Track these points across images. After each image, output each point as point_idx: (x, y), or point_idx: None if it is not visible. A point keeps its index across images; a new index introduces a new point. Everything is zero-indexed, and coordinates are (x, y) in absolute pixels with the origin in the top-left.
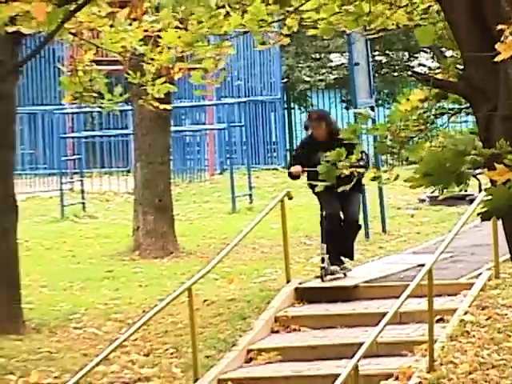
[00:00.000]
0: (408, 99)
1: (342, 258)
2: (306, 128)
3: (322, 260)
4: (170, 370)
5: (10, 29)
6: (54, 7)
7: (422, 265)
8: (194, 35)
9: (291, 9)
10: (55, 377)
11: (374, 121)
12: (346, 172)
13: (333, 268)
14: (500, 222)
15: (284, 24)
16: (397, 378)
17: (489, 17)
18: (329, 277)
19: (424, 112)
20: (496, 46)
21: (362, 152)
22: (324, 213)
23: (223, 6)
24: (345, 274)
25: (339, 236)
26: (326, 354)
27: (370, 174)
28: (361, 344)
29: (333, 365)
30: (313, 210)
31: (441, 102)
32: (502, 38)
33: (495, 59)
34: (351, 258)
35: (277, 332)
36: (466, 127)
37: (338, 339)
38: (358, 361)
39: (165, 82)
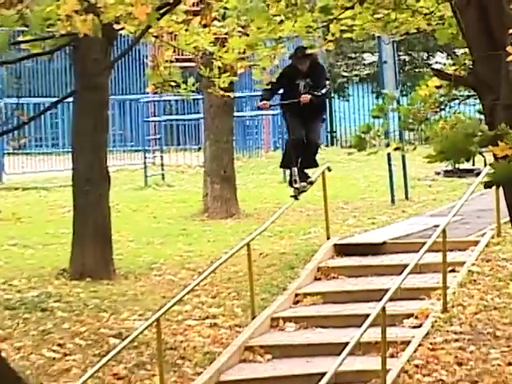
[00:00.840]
0: (427, 85)
1: (307, 171)
2: (290, 58)
3: (295, 181)
4: (232, 310)
5: (117, 27)
6: (153, 9)
7: (437, 225)
8: (255, 39)
9: (332, 17)
10: (140, 314)
11: (398, 102)
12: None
13: (302, 184)
14: (501, 190)
15: (328, 30)
16: (416, 317)
17: (493, 24)
18: (302, 195)
19: (440, 97)
20: (507, 49)
21: (327, 82)
22: (290, 136)
23: (278, 15)
24: (311, 183)
25: (303, 156)
26: (358, 297)
27: (393, 145)
28: (387, 290)
29: (364, 306)
30: (348, 180)
31: (452, 90)
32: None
33: (507, 59)
34: (316, 165)
35: (319, 279)
36: (474, 110)
37: (369, 286)
38: (385, 303)
39: (228, 76)
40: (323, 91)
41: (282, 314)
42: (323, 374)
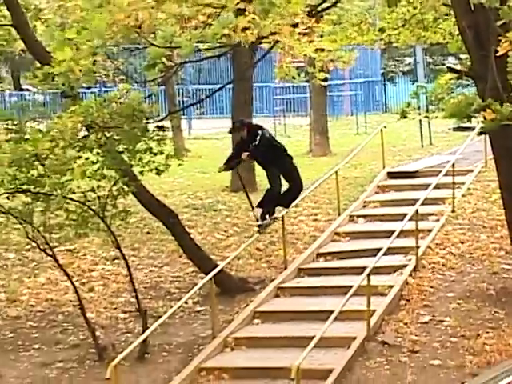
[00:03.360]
0: (443, 77)
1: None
2: (230, 132)
3: (257, 220)
4: (326, 211)
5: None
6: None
7: (449, 161)
8: (342, 43)
9: (386, 34)
10: None
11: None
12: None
13: (266, 222)
14: (487, 138)
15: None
16: (436, 215)
17: (483, 39)
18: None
19: (452, 84)
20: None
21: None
22: (272, 185)
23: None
24: (274, 220)
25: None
26: (402, 203)
27: (423, 114)
28: (418, 199)
29: (405, 208)
30: (396, 134)
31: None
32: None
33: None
34: (288, 207)
35: (378, 193)
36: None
37: (408, 196)
38: (419, 206)
39: (323, 72)
40: (255, 143)
41: (356, 213)
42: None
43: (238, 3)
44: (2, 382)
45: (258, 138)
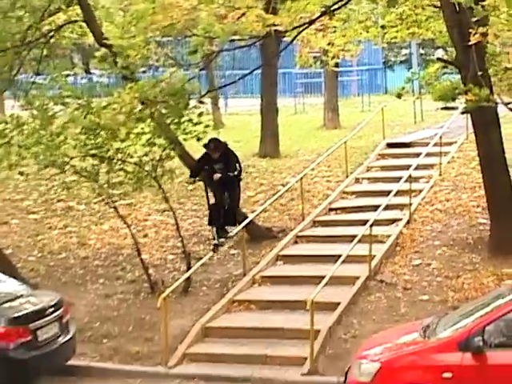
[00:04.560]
0: (432, 66)
1: (227, 227)
2: (205, 146)
3: (214, 239)
4: (336, 173)
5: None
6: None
7: (437, 134)
8: (350, 38)
9: (386, 31)
10: (292, 176)
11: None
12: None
13: (221, 240)
14: (469, 116)
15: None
16: (426, 178)
17: (465, 34)
18: (220, 247)
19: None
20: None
21: (235, 164)
22: (213, 201)
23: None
24: (227, 238)
25: (224, 217)
26: (400, 168)
27: (416, 96)
28: (411, 165)
29: (403, 172)
30: (393, 111)
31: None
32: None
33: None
34: (234, 224)
35: (379, 160)
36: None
37: (403, 163)
38: (412, 171)
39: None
40: (235, 173)
41: (360, 176)
42: (379, 206)
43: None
44: (73, 309)
45: (238, 167)
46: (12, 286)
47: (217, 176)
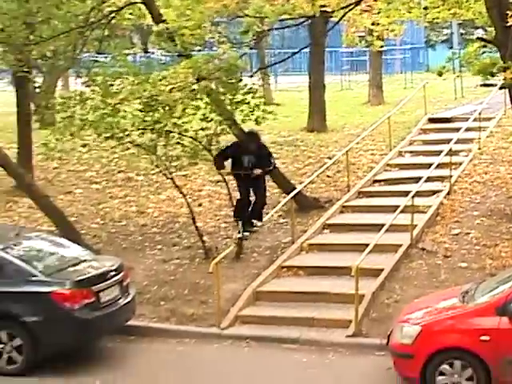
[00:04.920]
0: (472, 45)
1: (253, 221)
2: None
3: (239, 232)
4: (380, 147)
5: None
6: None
7: (476, 110)
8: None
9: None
10: (338, 150)
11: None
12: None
13: (245, 234)
14: (507, 92)
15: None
16: (466, 151)
17: (504, 11)
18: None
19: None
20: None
21: (270, 159)
22: (240, 196)
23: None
24: (252, 232)
25: (251, 211)
26: (442, 142)
27: (456, 73)
28: (450, 139)
29: (444, 146)
30: (434, 88)
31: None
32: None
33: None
34: (260, 220)
35: (421, 134)
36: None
37: (445, 137)
38: (452, 144)
39: (379, 39)
40: (271, 168)
41: (403, 149)
42: (421, 178)
43: None
44: (133, 273)
45: (273, 162)
46: (76, 251)
47: (257, 171)
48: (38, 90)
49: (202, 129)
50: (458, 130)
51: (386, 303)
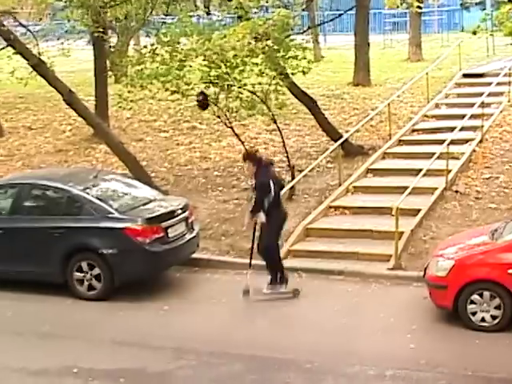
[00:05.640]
0: (504, 7)
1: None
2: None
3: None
4: (419, 100)
5: None
6: None
7: (506, 66)
8: None
9: None
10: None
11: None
12: None
13: (282, 289)
14: None
15: None
16: (496, 103)
17: None
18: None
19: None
20: None
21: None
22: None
23: None
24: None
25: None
26: (472, 95)
27: (489, 32)
28: (482, 93)
29: (473, 103)
30: (467, 46)
31: None
32: None
33: None
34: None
35: (456, 88)
36: None
37: (478, 90)
38: (484, 98)
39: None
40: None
41: (440, 102)
42: (455, 127)
43: None
44: (197, 212)
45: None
46: (147, 191)
47: (262, 218)
48: (112, 49)
49: (259, 83)
50: (489, 84)
51: (422, 239)
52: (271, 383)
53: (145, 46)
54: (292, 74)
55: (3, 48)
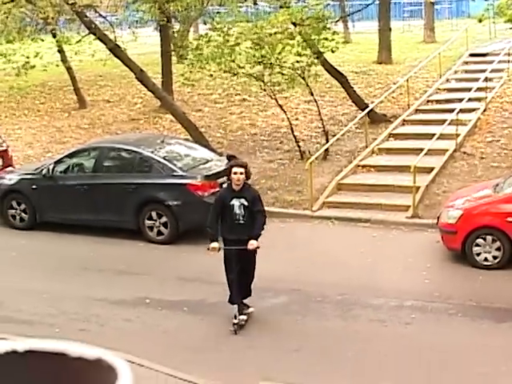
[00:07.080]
0: None
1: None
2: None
3: (235, 317)
4: (433, 75)
5: None
6: None
7: (505, 47)
8: None
9: None
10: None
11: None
12: None
13: (241, 318)
14: None
15: None
16: (497, 79)
17: None
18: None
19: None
20: None
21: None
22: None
23: None
24: (248, 314)
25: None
26: (476, 76)
27: (492, 20)
28: (486, 69)
29: (478, 79)
30: (473, 30)
31: None
32: None
33: None
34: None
35: (464, 65)
36: None
37: (482, 67)
38: (489, 73)
39: None
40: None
41: (450, 77)
42: (463, 98)
43: None
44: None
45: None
46: (205, 153)
47: (253, 245)
48: (175, 35)
49: (298, 61)
50: (492, 62)
51: (436, 193)
52: (310, 312)
53: (201, 35)
54: (323, 52)
55: (86, 35)
